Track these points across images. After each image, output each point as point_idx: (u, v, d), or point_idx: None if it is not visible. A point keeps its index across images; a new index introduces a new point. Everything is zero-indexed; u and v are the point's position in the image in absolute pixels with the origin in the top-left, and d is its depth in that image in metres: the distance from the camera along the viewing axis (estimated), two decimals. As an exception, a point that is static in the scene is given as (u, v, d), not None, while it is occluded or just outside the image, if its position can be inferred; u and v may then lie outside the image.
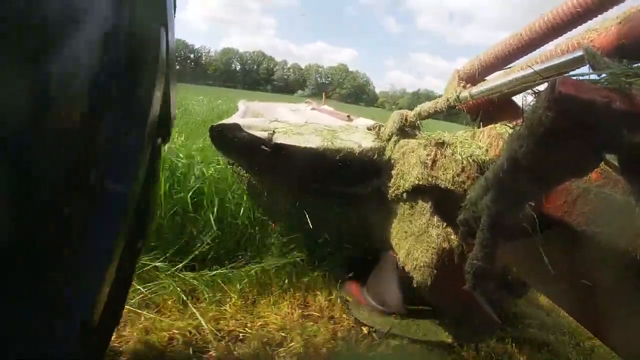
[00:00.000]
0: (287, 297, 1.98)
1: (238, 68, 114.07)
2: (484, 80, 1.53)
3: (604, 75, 0.54)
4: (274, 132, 1.84)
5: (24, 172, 0.41)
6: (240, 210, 2.26)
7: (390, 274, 1.91)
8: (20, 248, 0.43)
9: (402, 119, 1.86)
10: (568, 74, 0.77)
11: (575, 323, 2.02)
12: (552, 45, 1.17)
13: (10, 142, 0.39)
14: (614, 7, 0.97)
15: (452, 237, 1.37)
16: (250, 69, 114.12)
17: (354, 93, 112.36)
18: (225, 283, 1.94)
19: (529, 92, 0.60)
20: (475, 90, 1.45)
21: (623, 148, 0.54)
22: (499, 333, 1.89)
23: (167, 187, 2.17)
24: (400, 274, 1.70)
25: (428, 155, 1.40)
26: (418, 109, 1.87)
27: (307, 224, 2.10)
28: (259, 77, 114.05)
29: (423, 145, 1.45)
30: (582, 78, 0.55)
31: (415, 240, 1.52)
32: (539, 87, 0.59)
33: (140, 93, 0.54)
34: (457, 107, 1.60)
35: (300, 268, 2.15)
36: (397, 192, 1.66)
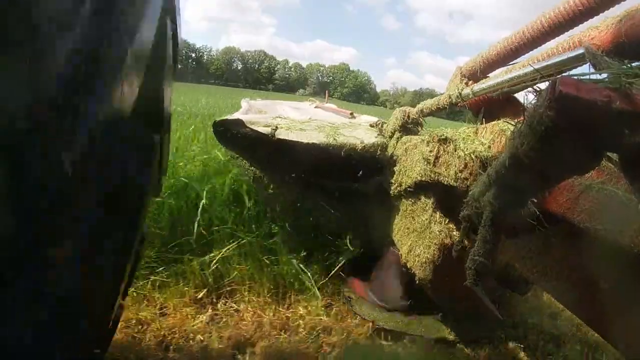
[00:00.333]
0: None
1: (240, 67, 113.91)
2: (486, 78, 1.54)
3: (605, 75, 0.54)
4: (277, 127, 1.85)
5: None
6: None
7: (393, 271, 1.92)
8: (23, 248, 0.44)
9: (404, 116, 1.87)
10: (569, 74, 0.78)
11: (576, 324, 2.03)
12: (553, 43, 1.17)
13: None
14: (615, 5, 0.97)
15: (454, 233, 1.37)
16: (252, 68, 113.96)
17: (355, 92, 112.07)
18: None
19: (531, 90, 0.61)
20: (477, 88, 1.45)
21: (624, 147, 0.55)
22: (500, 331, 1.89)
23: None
24: (403, 271, 1.71)
25: (431, 152, 1.39)
26: (420, 106, 1.88)
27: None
28: (261, 76, 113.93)
29: (426, 142, 1.45)
30: (582, 77, 0.55)
31: (418, 237, 1.53)
32: (541, 84, 0.60)
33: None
34: (459, 104, 1.61)
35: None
36: (399, 188, 1.67)
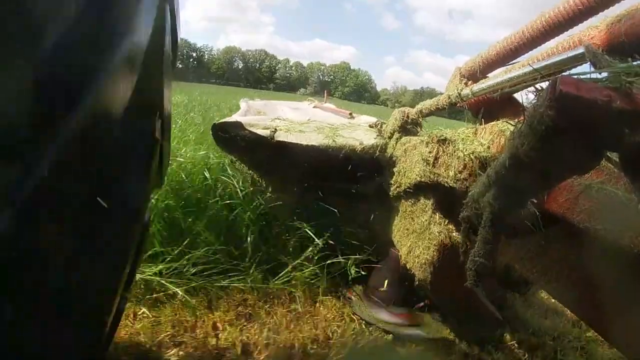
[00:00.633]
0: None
1: (241, 66, 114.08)
2: (486, 78, 1.53)
3: (605, 74, 0.54)
4: (276, 129, 1.84)
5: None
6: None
7: (393, 272, 1.92)
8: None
9: (403, 117, 1.86)
10: (569, 73, 0.78)
11: (576, 324, 2.03)
12: (553, 43, 1.17)
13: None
14: (615, 4, 0.97)
15: (453, 234, 1.37)
16: (253, 68, 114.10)
17: (357, 91, 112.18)
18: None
19: (531, 89, 0.60)
20: (477, 88, 1.44)
21: (624, 147, 0.54)
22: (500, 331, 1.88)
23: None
24: (402, 272, 1.71)
25: (430, 153, 1.38)
26: (419, 106, 1.87)
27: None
28: (262, 75, 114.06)
29: (425, 143, 1.44)
30: (583, 77, 0.55)
31: (417, 238, 1.52)
32: (541, 84, 0.59)
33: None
34: (458, 104, 1.60)
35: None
36: (398, 189, 1.66)
